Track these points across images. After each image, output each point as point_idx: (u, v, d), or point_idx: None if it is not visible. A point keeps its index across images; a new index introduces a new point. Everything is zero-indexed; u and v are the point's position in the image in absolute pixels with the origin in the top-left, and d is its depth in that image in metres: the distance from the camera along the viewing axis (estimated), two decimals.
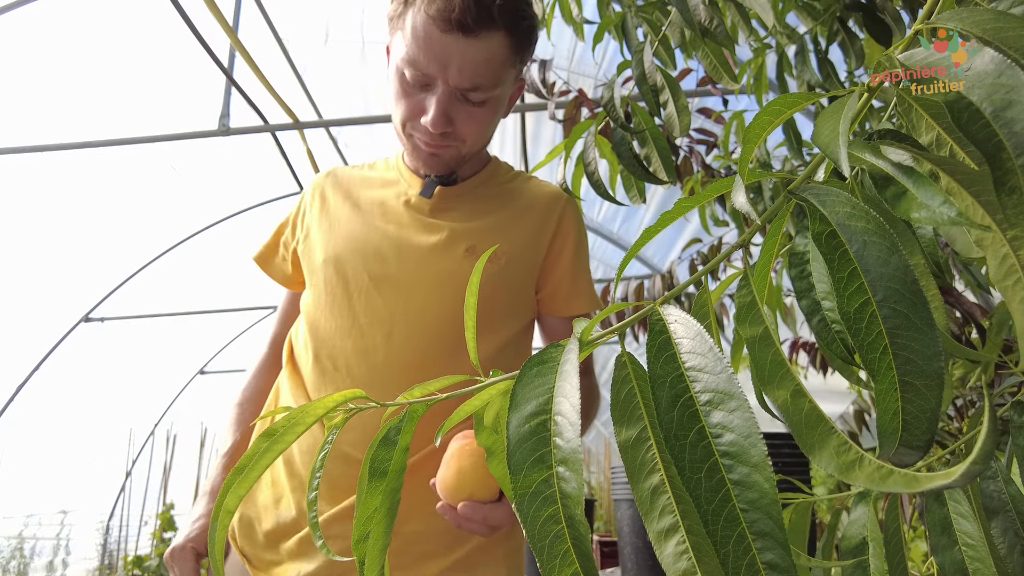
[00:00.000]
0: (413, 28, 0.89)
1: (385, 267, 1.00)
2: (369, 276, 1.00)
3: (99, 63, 3.58)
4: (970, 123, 0.31)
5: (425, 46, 0.88)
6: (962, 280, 1.16)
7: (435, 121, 0.90)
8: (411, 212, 1.04)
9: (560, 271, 1.07)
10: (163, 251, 4.92)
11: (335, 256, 1.03)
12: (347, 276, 1.01)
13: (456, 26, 0.86)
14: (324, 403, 0.36)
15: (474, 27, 0.86)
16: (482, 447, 0.77)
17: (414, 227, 1.03)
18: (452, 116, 0.93)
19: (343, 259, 1.02)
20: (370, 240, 1.02)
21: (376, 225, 1.04)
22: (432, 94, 0.91)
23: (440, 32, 0.86)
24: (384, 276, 1.00)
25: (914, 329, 0.28)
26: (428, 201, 1.04)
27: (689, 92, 1.96)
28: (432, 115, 0.90)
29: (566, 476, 0.30)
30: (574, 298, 1.08)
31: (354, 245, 1.03)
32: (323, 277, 1.03)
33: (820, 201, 0.33)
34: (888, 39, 1.02)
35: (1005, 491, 0.52)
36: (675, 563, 0.30)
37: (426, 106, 0.92)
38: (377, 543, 0.35)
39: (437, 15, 0.86)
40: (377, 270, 1.00)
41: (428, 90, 0.92)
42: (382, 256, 1.01)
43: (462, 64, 0.88)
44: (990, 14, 0.35)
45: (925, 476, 0.26)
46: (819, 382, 2.38)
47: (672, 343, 0.32)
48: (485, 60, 0.89)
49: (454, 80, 0.89)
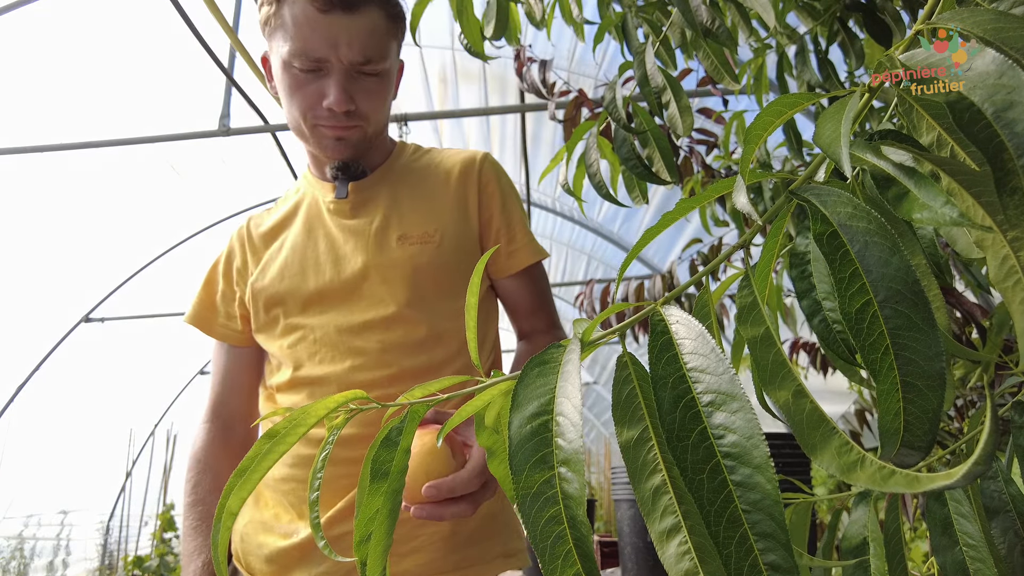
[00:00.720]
0: (294, 18, 0.92)
1: (329, 281, 1.00)
2: (318, 293, 1.01)
3: (99, 63, 3.58)
4: (971, 124, 0.31)
5: (310, 31, 0.91)
6: (963, 280, 1.16)
7: (338, 99, 0.93)
8: (333, 218, 1.05)
9: (494, 230, 1.07)
10: (163, 251, 4.92)
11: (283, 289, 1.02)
12: (298, 301, 1.01)
13: (338, 4, 0.90)
14: (325, 403, 0.36)
15: (352, 4, 0.91)
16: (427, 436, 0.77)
17: (341, 233, 1.03)
18: (352, 94, 0.95)
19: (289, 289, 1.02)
20: (306, 261, 1.03)
21: (305, 247, 1.04)
22: (327, 77, 0.94)
23: (322, 14, 0.91)
24: (331, 290, 1.00)
25: (915, 330, 0.28)
26: (346, 201, 1.04)
27: (689, 92, 1.97)
28: (334, 95, 0.93)
29: (568, 477, 0.30)
30: (514, 254, 1.07)
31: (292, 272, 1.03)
32: (278, 310, 1.02)
33: (822, 201, 0.33)
34: (888, 39, 1.02)
35: (1006, 491, 0.52)
36: (677, 564, 0.30)
37: (324, 90, 0.94)
38: (379, 544, 0.35)
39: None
40: (323, 287, 1.01)
41: (322, 75, 0.95)
42: (322, 272, 1.01)
43: (350, 39, 0.92)
44: (991, 14, 0.35)
45: (926, 477, 0.26)
46: (820, 382, 2.38)
47: (674, 344, 0.33)
48: (369, 32, 0.94)
49: (346, 56, 0.93)
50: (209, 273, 1.14)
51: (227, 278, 1.11)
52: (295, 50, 0.93)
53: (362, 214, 1.04)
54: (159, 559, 5.06)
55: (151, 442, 6.49)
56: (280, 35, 0.94)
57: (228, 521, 0.35)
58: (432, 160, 1.11)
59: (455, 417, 0.39)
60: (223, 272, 1.12)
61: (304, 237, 1.05)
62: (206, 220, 4.92)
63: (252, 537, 1.02)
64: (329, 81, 0.94)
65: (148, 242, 4.84)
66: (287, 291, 1.02)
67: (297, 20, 0.92)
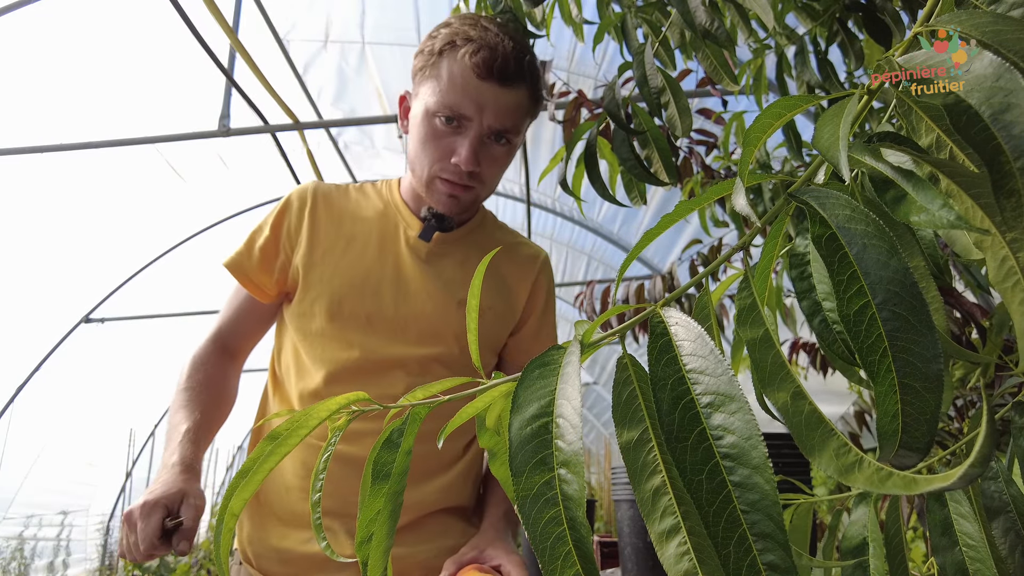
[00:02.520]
0: (451, 75, 0.99)
1: (383, 307, 1.06)
2: (366, 315, 1.06)
3: (99, 64, 3.58)
4: (969, 126, 0.31)
5: (463, 91, 0.98)
6: (962, 281, 1.16)
7: (468, 159, 0.99)
8: (410, 253, 1.10)
9: (528, 328, 1.17)
10: (163, 252, 4.92)
11: (333, 290, 1.06)
12: (343, 312, 1.05)
13: (496, 74, 0.98)
14: (327, 405, 0.36)
15: (509, 78, 0.99)
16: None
17: (412, 271, 1.09)
18: (480, 157, 1.02)
19: (341, 294, 1.06)
20: (369, 278, 1.07)
21: (374, 262, 1.08)
22: (464, 136, 1.00)
23: (478, 79, 0.98)
24: (381, 316, 1.06)
25: (914, 331, 0.28)
26: (426, 245, 1.10)
27: (689, 93, 1.96)
28: (466, 154, 0.99)
29: (568, 478, 0.30)
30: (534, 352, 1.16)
31: (352, 281, 1.06)
32: (321, 307, 1.06)
33: (820, 204, 0.33)
34: (888, 40, 1.02)
35: (1006, 492, 0.52)
36: (677, 564, 0.31)
37: (457, 147, 1.01)
38: (380, 545, 0.35)
39: (481, 63, 0.97)
40: (375, 309, 1.06)
41: (459, 132, 1.01)
42: (380, 296, 1.06)
43: (496, 108, 0.99)
44: (989, 17, 0.35)
45: (924, 478, 0.26)
46: (819, 383, 2.38)
47: (673, 345, 0.33)
48: (514, 106, 1.02)
49: (488, 121, 1.00)
50: (260, 223, 1.14)
51: (275, 232, 1.11)
52: (443, 103, 0.99)
53: (435, 263, 1.10)
54: (159, 559, 5.06)
55: (151, 442, 6.49)
56: (431, 85, 1.01)
57: (230, 522, 0.35)
58: (505, 239, 1.19)
59: (456, 418, 0.39)
60: (273, 224, 1.12)
61: (376, 252, 1.09)
62: (206, 221, 4.92)
63: (266, 540, 1.06)
64: (464, 140, 1.00)
65: (148, 243, 4.84)
66: (342, 296, 1.06)
67: (453, 77, 0.98)
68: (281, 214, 1.12)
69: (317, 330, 1.06)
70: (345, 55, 3.99)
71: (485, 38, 0.98)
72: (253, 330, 1.16)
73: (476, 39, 0.98)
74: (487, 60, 0.97)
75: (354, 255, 1.08)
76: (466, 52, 0.97)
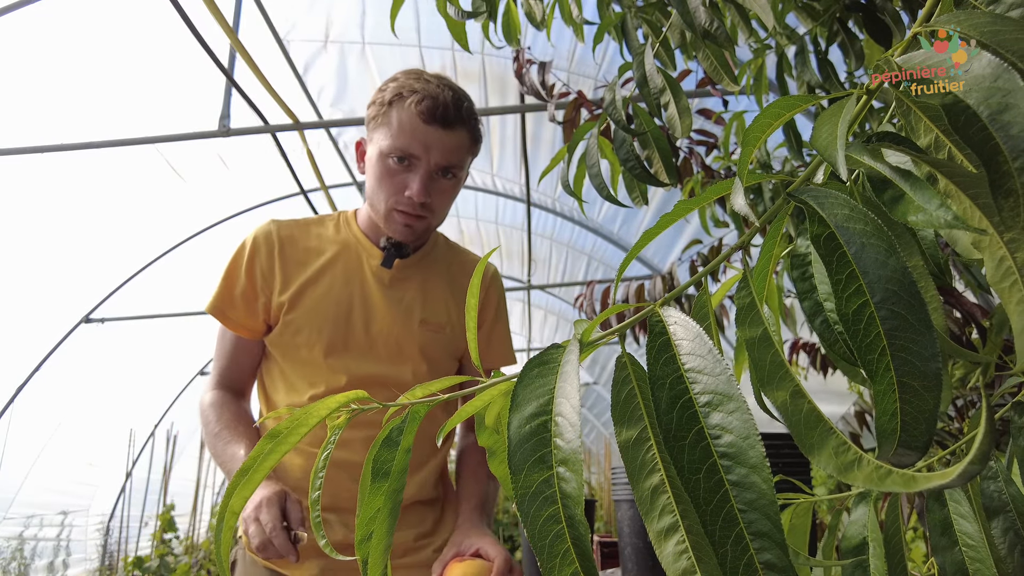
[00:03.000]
0: (400, 121, 1.14)
1: (355, 331, 1.19)
2: (343, 340, 1.19)
3: (99, 64, 3.58)
4: (967, 127, 0.31)
5: (411, 134, 1.14)
6: (962, 280, 1.16)
7: (419, 191, 1.14)
8: (374, 280, 1.23)
9: (481, 336, 1.32)
10: (163, 252, 4.92)
11: (311, 323, 1.18)
12: (323, 340, 1.17)
13: (439, 119, 1.13)
14: (327, 404, 0.37)
15: (450, 122, 1.14)
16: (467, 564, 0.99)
17: (377, 296, 1.22)
18: (430, 190, 1.17)
19: (318, 325, 1.18)
20: (340, 307, 1.20)
21: (342, 293, 1.21)
22: (415, 173, 1.15)
23: (424, 124, 1.13)
24: (354, 339, 1.19)
25: (912, 331, 0.28)
26: (388, 272, 1.24)
27: (689, 93, 1.96)
28: (417, 187, 1.14)
29: (566, 476, 0.30)
30: (485, 359, 1.34)
31: (326, 313, 1.19)
32: (303, 338, 1.18)
33: (819, 203, 0.33)
34: (888, 40, 1.02)
35: (1006, 491, 0.52)
36: (675, 562, 0.31)
37: (409, 182, 1.15)
38: (380, 543, 0.35)
39: (426, 111, 1.12)
40: (348, 334, 1.19)
41: (410, 170, 1.16)
42: (352, 322, 1.20)
43: (441, 148, 1.15)
44: (988, 17, 0.35)
45: (923, 476, 0.26)
46: (819, 383, 2.38)
47: (672, 345, 0.33)
48: (456, 146, 1.17)
49: (435, 159, 1.15)
50: (230, 267, 1.24)
51: (250, 277, 1.21)
52: (394, 146, 1.14)
53: (397, 287, 1.24)
54: (159, 559, 5.06)
55: (151, 442, 6.49)
56: (384, 131, 1.16)
57: (231, 521, 0.36)
58: (456, 258, 1.35)
59: (456, 417, 0.39)
60: (246, 270, 1.22)
61: (343, 283, 1.22)
62: (206, 221, 4.92)
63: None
64: (415, 176, 1.15)
65: (148, 243, 4.84)
66: (319, 326, 1.18)
67: (402, 123, 1.14)
68: (252, 259, 1.22)
69: (303, 359, 1.19)
70: (345, 55, 4.00)
71: (428, 89, 1.14)
72: (251, 365, 1.27)
73: (420, 90, 1.14)
74: (431, 108, 1.12)
75: (324, 288, 1.20)
76: (412, 101, 1.13)
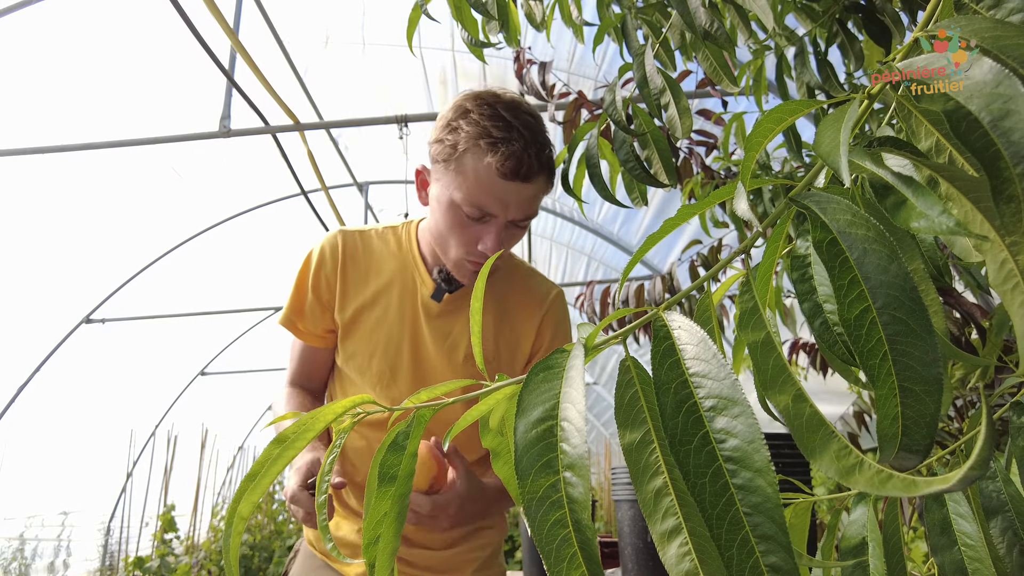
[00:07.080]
0: (476, 175, 1.04)
1: (402, 363, 1.18)
2: (389, 368, 1.18)
3: (100, 65, 3.58)
4: (968, 132, 0.31)
5: (489, 191, 1.04)
6: (962, 281, 1.16)
7: (493, 247, 1.06)
8: (424, 312, 1.20)
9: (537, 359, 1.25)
10: (164, 252, 4.92)
11: (363, 350, 1.19)
12: (372, 369, 1.19)
13: (521, 177, 1.03)
14: (333, 408, 0.37)
15: (531, 177, 1.05)
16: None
17: (425, 330, 1.19)
18: (504, 239, 1.10)
19: (369, 352, 1.19)
20: (392, 337, 1.19)
21: (395, 323, 1.19)
22: (489, 226, 1.07)
23: (503, 180, 1.03)
24: (402, 371, 1.18)
25: (913, 336, 0.29)
26: (437, 304, 1.19)
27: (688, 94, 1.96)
28: (491, 244, 1.06)
29: (573, 481, 0.30)
30: None
31: (377, 341, 1.19)
32: (353, 366, 1.20)
33: (821, 208, 0.33)
34: (887, 41, 1.02)
35: (1004, 491, 0.52)
36: (678, 564, 0.31)
37: (482, 235, 1.07)
38: (387, 547, 0.36)
39: (508, 171, 1.02)
40: (395, 364, 1.18)
41: (484, 223, 1.08)
42: (400, 353, 1.18)
43: (520, 202, 1.06)
44: (989, 22, 0.36)
45: (924, 480, 0.26)
46: (819, 383, 2.38)
47: (676, 349, 0.33)
48: (534, 196, 1.08)
49: (512, 215, 1.07)
50: (299, 278, 1.23)
51: (316, 291, 1.21)
52: (469, 201, 1.04)
53: (445, 321, 1.20)
54: (160, 560, 5.06)
55: (152, 443, 6.49)
56: (456, 179, 1.05)
57: (239, 525, 0.36)
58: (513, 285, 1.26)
59: (461, 421, 0.39)
60: (312, 283, 1.21)
61: (397, 311, 1.20)
62: (207, 221, 4.92)
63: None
64: (489, 229, 1.07)
65: (149, 243, 4.84)
66: (370, 354, 1.18)
67: (479, 176, 1.03)
68: (318, 273, 1.21)
69: (357, 384, 1.21)
70: (346, 56, 4.00)
71: (509, 141, 1.02)
72: (322, 371, 1.28)
73: (500, 141, 1.02)
74: (514, 168, 1.02)
75: (379, 314, 1.19)
76: (491, 159, 1.02)
